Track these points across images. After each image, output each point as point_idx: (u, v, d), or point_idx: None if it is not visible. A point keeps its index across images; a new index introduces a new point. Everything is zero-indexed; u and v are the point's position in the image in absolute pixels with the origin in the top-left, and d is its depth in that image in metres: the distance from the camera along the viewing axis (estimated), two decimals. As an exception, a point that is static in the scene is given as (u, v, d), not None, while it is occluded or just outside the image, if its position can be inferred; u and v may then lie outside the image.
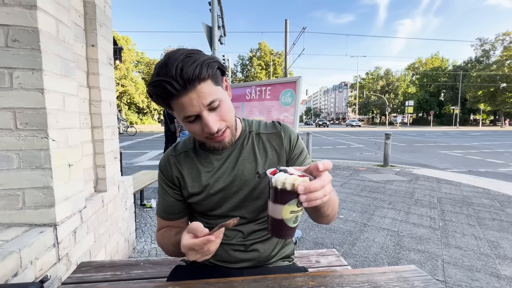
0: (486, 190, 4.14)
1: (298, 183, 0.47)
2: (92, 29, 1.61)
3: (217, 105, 0.62)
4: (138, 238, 2.48)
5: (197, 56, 0.59)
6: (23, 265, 0.94)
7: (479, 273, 1.91)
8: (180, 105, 0.60)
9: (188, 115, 0.62)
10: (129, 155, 8.29)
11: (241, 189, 0.74)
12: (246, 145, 0.76)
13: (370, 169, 5.87)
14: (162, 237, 0.76)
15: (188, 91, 0.58)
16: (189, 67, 0.57)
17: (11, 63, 1.02)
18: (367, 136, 17.96)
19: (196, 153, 0.77)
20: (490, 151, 9.44)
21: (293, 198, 0.49)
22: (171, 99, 0.60)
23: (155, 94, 0.61)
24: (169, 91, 0.58)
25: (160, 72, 0.58)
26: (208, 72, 0.59)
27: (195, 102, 0.59)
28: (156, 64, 0.61)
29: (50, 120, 1.10)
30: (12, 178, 1.07)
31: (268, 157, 0.76)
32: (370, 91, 54.32)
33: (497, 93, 35.32)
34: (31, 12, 1.02)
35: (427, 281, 0.64)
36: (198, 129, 0.65)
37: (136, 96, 31.09)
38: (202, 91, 0.59)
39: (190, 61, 0.57)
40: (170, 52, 0.61)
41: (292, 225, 0.53)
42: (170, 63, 0.57)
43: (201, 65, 0.58)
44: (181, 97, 0.59)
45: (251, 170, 0.74)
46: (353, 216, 3.07)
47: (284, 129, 0.79)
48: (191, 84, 0.58)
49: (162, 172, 0.78)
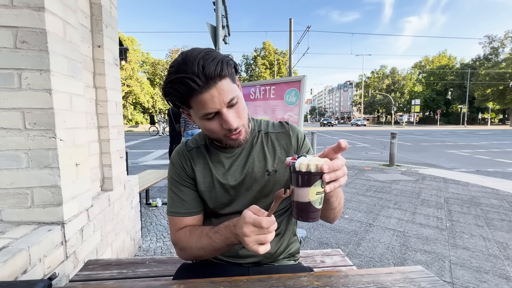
0: (495, 190, 4.06)
1: (322, 163, 0.51)
2: (98, 30, 1.62)
3: (235, 102, 0.64)
4: (143, 236, 2.51)
5: (215, 54, 0.61)
6: (32, 263, 0.96)
7: (487, 275, 1.88)
8: (200, 102, 0.61)
9: (208, 112, 0.62)
10: (135, 154, 8.37)
11: (252, 187, 0.74)
12: (256, 144, 0.77)
13: (376, 169, 5.82)
14: (188, 238, 0.71)
15: (210, 87, 0.59)
16: (210, 64, 0.58)
17: (20, 64, 1.04)
18: (373, 135, 17.79)
19: (207, 150, 0.78)
20: (499, 151, 9.26)
21: (318, 179, 0.52)
22: (192, 96, 0.60)
23: (175, 92, 0.61)
24: (192, 87, 0.58)
25: (180, 70, 0.58)
26: (228, 70, 0.61)
27: (216, 99, 0.60)
28: (172, 63, 0.62)
29: (58, 120, 1.11)
30: (21, 177, 1.09)
31: (277, 155, 0.77)
32: (376, 90, 53.74)
33: (506, 91, 34.58)
34: (39, 14, 1.04)
35: (434, 282, 0.63)
36: (216, 126, 0.65)
37: (142, 96, 31.38)
38: (222, 88, 0.60)
39: (210, 59, 0.59)
40: (185, 51, 0.62)
41: (318, 207, 0.56)
42: (190, 61, 0.58)
43: (221, 62, 0.60)
44: (202, 94, 0.59)
45: (261, 168, 0.75)
46: (359, 216, 3.05)
47: (292, 129, 0.81)
48: (213, 81, 0.59)
49: (176, 166, 0.77)
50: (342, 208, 0.72)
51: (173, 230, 0.75)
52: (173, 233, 0.75)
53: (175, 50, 34.88)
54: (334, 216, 0.71)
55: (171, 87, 0.60)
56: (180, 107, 0.66)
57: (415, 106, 40.69)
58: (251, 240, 0.54)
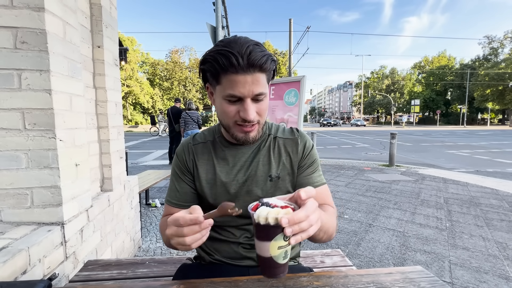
0: (495, 191, 4.07)
1: (281, 216, 0.45)
2: (98, 30, 1.62)
3: (262, 99, 0.65)
4: (143, 237, 2.50)
5: (264, 48, 0.63)
6: (32, 263, 0.96)
7: (487, 275, 1.88)
8: (232, 81, 0.61)
9: (234, 95, 0.62)
10: (135, 154, 8.37)
11: (252, 190, 0.74)
12: (263, 147, 0.77)
13: (375, 169, 5.82)
14: (163, 224, 0.74)
15: (247, 72, 0.60)
16: (257, 53, 0.60)
17: (20, 64, 1.04)
18: (372, 135, 17.80)
19: (214, 146, 0.78)
20: (499, 151, 9.27)
21: (279, 233, 0.47)
22: (227, 72, 0.60)
23: (214, 62, 0.61)
24: (232, 63, 0.59)
25: (228, 45, 0.60)
26: (269, 67, 0.63)
27: (247, 85, 0.61)
28: (222, 39, 0.64)
29: (58, 121, 1.11)
30: (21, 177, 1.09)
31: (282, 161, 0.77)
32: (375, 90, 53.79)
33: (505, 91, 34.62)
34: (39, 14, 1.04)
35: (434, 282, 0.64)
36: (233, 111, 0.65)
37: (141, 96, 31.37)
38: (257, 79, 0.62)
39: (259, 49, 0.61)
40: (237, 35, 0.64)
41: (282, 262, 0.49)
42: (240, 42, 0.60)
43: (267, 57, 0.62)
44: (238, 75, 0.60)
45: (264, 172, 0.75)
46: (358, 216, 3.05)
47: (301, 136, 0.80)
48: (253, 68, 0.60)
49: (179, 158, 0.79)
50: (332, 235, 0.68)
51: (162, 215, 0.79)
52: (161, 218, 0.78)
53: (174, 50, 34.88)
54: (322, 242, 0.69)
55: (213, 56, 0.61)
56: (207, 81, 0.67)
57: (414, 106, 40.72)
58: (170, 236, 0.52)
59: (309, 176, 0.77)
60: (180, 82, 34.53)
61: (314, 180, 0.77)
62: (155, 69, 35.37)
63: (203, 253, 0.82)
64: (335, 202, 3.79)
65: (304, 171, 0.78)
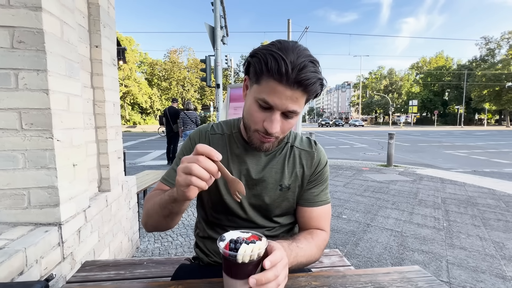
0: (492, 191, 4.09)
1: (257, 255, 0.46)
2: (96, 30, 1.62)
3: (291, 116, 0.63)
4: (141, 237, 2.49)
5: (318, 69, 0.59)
6: (29, 264, 0.95)
7: (484, 274, 1.89)
8: (271, 88, 0.58)
9: (268, 102, 0.59)
10: (133, 155, 8.34)
11: (261, 194, 0.74)
12: (279, 154, 0.76)
13: (374, 169, 5.84)
14: (152, 195, 0.72)
15: (290, 86, 0.57)
16: (309, 73, 0.56)
17: (17, 64, 1.03)
18: (370, 136, 17.85)
19: (229, 140, 0.77)
20: (496, 151, 9.34)
21: (257, 270, 0.48)
22: (271, 77, 0.57)
23: (263, 61, 0.57)
24: (280, 71, 0.55)
25: (284, 50, 0.56)
26: (314, 90, 0.59)
27: (283, 99, 0.58)
28: (280, 40, 0.60)
29: (55, 121, 1.11)
30: (18, 177, 1.09)
31: (295, 172, 0.76)
32: (373, 90, 53.97)
33: (502, 92, 34.85)
34: (36, 14, 1.03)
35: (431, 282, 0.64)
36: (259, 118, 0.62)
37: (140, 96, 31.25)
38: (296, 97, 0.59)
39: (312, 68, 0.57)
40: (298, 44, 0.60)
41: None
42: (297, 53, 0.56)
43: (316, 80, 0.58)
44: (280, 84, 0.57)
45: (276, 180, 0.74)
46: (356, 216, 3.06)
47: (318, 151, 0.79)
48: (297, 86, 0.57)
49: (191, 142, 0.77)
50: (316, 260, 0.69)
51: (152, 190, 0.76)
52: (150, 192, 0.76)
53: (173, 50, 34.85)
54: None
55: (264, 54, 0.57)
56: (248, 74, 0.64)
57: (412, 106, 40.94)
58: (179, 175, 0.50)
59: (316, 194, 0.77)
60: (179, 82, 34.49)
61: (319, 199, 0.77)
62: (153, 69, 35.29)
63: (201, 254, 0.82)
64: (333, 202, 3.78)
65: (313, 187, 0.77)
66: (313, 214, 0.76)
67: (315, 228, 0.76)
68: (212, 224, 0.79)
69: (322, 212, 0.76)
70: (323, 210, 0.76)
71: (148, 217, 0.68)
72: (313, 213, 0.76)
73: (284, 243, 0.60)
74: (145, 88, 32.42)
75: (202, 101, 36.21)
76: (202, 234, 0.82)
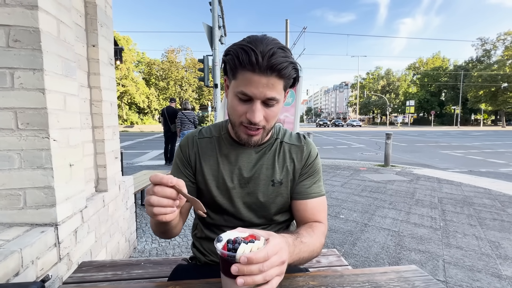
0: (487, 190, 4.13)
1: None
2: (93, 29, 1.61)
3: (272, 105, 0.64)
4: (139, 238, 2.48)
5: (289, 54, 0.61)
6: (25, 265, 0.95)
7: (480, 273, 1.91)
8: (246, 79, 0.60)
9: (246, 93, 0.61)
10: (130, 155, 8.30)
11: (254, 192, 0.74)
12: (269, 151, 0.77)
13: (371, 169, 5.86)
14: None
15: (264, 74, 0.59)
16: (279, 57, 0.58)
17: (12, 63, 1.02)
18: (368, 136, 17.93)
19: (218, 142, 0.77)
20: (491, 151, 9.42)
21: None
22: (244, 69, 0.60)
23: (235, 56, 0.60)
24: (250, 61, 0.58)
25: (253, 43, 0.59)
26: (288, 74, 0.61)
27: (260, 87, 0.60)
28: (250, 36, 0.63)
29: (51, 120, 1.10)
30: (13, 178, 1.08)
31: (286, 167, 0.76)
32: (371, 91, 54.23)
33: (498, 93, 35.19)
34: (32, 12, 1.03)
35: (428, 281, 0.64)
36: (241, 110, 0.64)
37: (137, 96, 31.13)
38: (272, 84, 0.60)
39: (282, 54, 0.59)
40: (266, 35, 0.63)
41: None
42: (265, 43, 0.59)
43: (289, 64, 0.60)
44: (254, 74, 0.59)
45: (267, 176, 0.75)
46: (354, 216, 3.07)
47: (307, 144, 0.79)
48: (270, 71, 0.59)
49: (182, 150, 0.78)
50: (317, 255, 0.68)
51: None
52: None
53: (170, 50, 34.73)
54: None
55: (235, 49, 0.60)
56: (226, 75, 0.67)
57: (409, 107, 41.18)
58: (147, 212, 0.54)
59: (308, 186, 0.77)
60: (176, 82, 34.38)
61: (312, 191, 0.76)
62: (151, 69, 35.16)
63: (198, 254, 0.81)
64: (331, 202, 3.79)
65: (304, 179, 0.77)
66: (308, 206, 0.75)
67: (312, 221, 0.75)
68: (209, 225, 0.79)
69: (317, 204, 0.76)
70: (317, 202, 0.76)
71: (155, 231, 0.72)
72: (307, 206, 0.75)
73: (289, 238, 0.59)
74: (142, 88, 32.28)
75: (200, 101, 36.13)
76: (200, 235, 0.82)
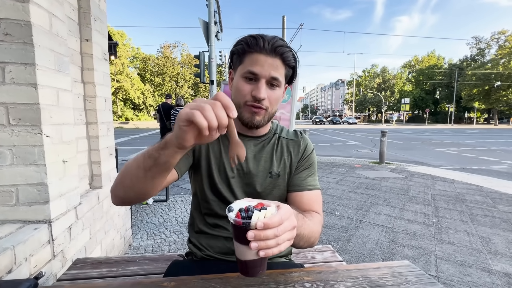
0: (479, 187, 4.20)
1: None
2: (87, 23, 1.58)
3: (276, 85, 0.70)
4: (134, 234, 2.48)
5: (288, 44, 0.71)
6: (18, 262, 0.94)
7: (471, 268, 1.95)
8: (254, 59, 0.68)
9: (252, 71, 0.67)
10: (125, 151, 8.23)
11: (251, 183, 0.77)
12: (267, 144, 0.81)
13: (366, 166, 5.92)
14: (132, 158, 0.60)
15: (269, 54, 0.67)
16: (281, 42, 0.69)
17: (3, 57, 1.00)
18: (363, 133, 18.06)
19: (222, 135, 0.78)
20: (484, 149, 9.57)
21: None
22: (252, 51, 0.68)
23: (243, 42, 0.69)
24: (258, 43, 0.67)
25: (260, 34, 0.69)
26: (289, 59, 0.70)
27: (266, 66, 0.67)
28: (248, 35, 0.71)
29: (44, 116, 1.08)
30: (5, 174, 1.06)
31: (283, 160, 0.80)
32: (367, 88, 54.47)
33: (491, 91, 35.66)
34: (23, 5, 1.00)
35: (420, 276, 0.65)
36: (247, 89, 0.69)
37: (132, 92, 30.74)
38: (276, 64, 0.68)
39: (285, 44, 0.69)
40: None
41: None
42: (271, 36, 0.69)
43: (290, 51, 0.70)
44: (261, 54, 0.67)
45: (265, 168, 0.78)
46: (349, 212, 3.10)
47: (303, 139, 0.84)
48: (275, 52, 0.67)
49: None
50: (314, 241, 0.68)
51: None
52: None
53: (166, 45, 34.28)
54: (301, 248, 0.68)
55: (244, 38, 0.69)
56: (232, 65, 0.74)
57: (404, 105, 41.47)
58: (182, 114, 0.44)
59: (303, 178, 0.79)
60: (172, 78, 34.03)
61: (307, 183, 0.79)
62: (146, 64, 34.67)
63: (194, 249, 0.82)
64: (326, 199, 3.81)
65: (300, 172, 0.80)
66: (303, 198, 0.78)
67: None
68: (206, 217, 0.80)
69: (312, 196, 0.78)
70: (312, 194, 0.78)
71: (123, 176, 0.59)
72: (303, 198, 0.78)
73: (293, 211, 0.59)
74: (137, 84, 31.88)
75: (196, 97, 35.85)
76: (196, 229, 0.83)
